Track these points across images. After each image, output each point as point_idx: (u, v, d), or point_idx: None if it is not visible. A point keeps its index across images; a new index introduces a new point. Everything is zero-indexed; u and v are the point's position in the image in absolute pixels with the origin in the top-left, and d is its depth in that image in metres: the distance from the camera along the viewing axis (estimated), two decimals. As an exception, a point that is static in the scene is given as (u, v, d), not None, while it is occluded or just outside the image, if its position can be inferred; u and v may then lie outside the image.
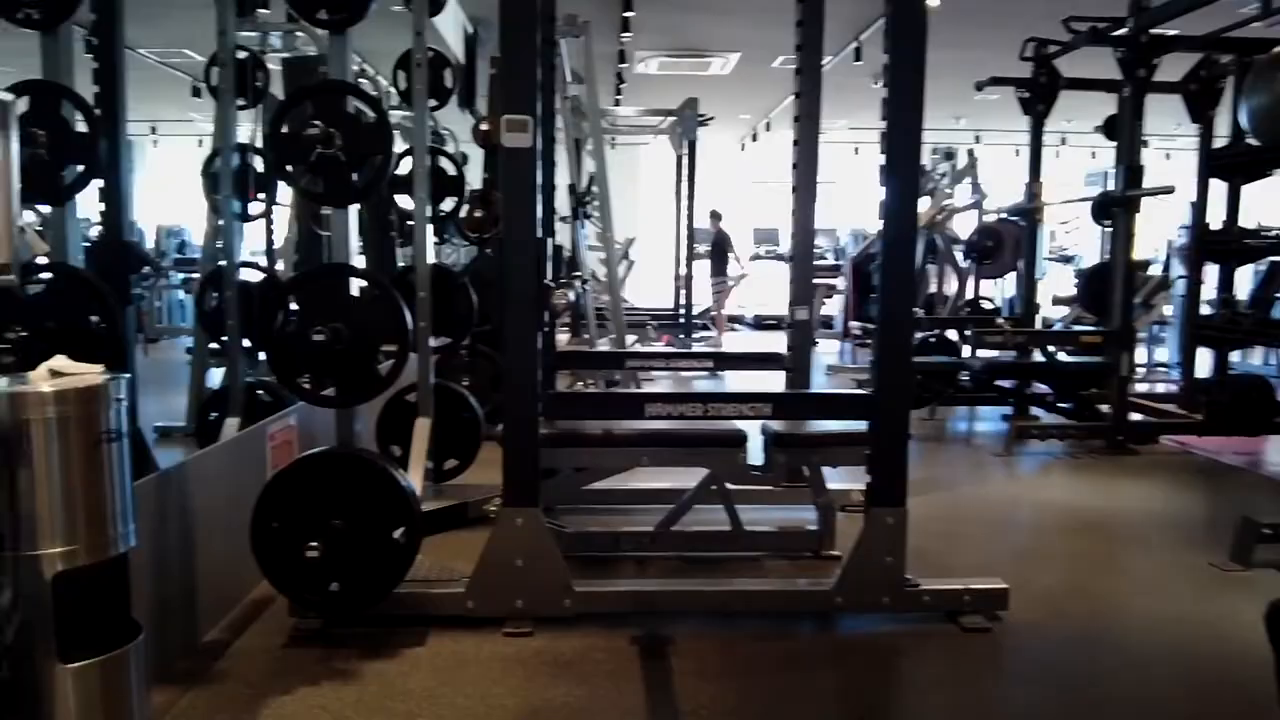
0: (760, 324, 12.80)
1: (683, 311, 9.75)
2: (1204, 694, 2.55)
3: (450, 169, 4.60)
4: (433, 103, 4.05)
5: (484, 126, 4.86)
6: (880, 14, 2.82)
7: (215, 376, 4.81)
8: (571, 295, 3.62)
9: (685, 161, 8.85)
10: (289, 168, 2.66)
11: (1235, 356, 7.55)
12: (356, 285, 2.74)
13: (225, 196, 3.67)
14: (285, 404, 3.71)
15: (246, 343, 3.72)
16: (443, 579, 2.96)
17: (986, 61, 7.11)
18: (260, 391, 3.92)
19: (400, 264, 4.99)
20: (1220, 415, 5.57)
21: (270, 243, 4.80)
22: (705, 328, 10.91)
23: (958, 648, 2.78)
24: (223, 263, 3.77)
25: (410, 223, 4.89)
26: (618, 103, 9.47)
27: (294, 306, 2.65)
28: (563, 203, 5.95)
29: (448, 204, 4.68)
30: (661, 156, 12.14)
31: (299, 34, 4.56)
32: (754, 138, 12.81)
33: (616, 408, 3.34)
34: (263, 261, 4.73)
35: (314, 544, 2.58)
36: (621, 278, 7.96)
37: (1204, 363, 6.08)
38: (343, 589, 2.66)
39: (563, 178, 5.58)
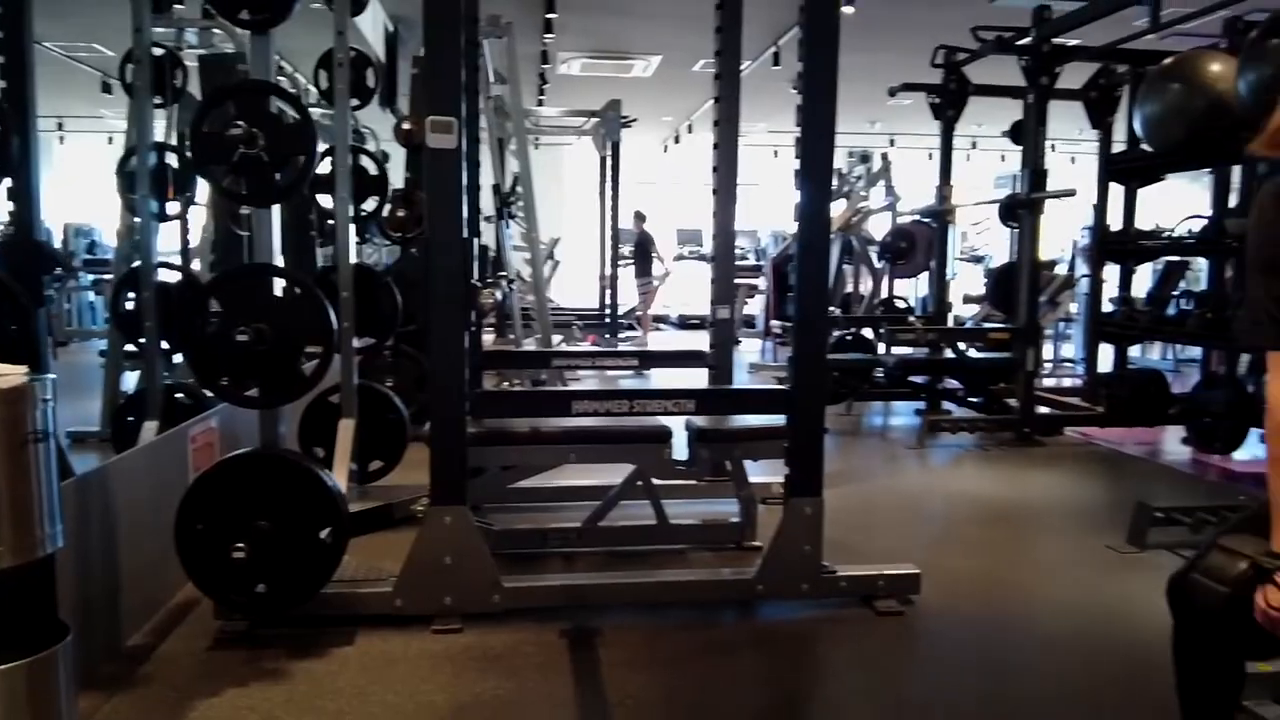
0: (685, 324, 12.95)
1: (608, 311, 9.82)
2: (1103, 667, 2.70)
3: (372, 168, 4.58)
4: (355, 102, 4.03)
5: (406, 126, 4.85)
6: (797, 21, 2.91)
7: (129, 380, 4.70)
8: (498, 295, 3.64)
9: (609, 162, 8.92)
10: (211, 167, 2.65)
11: (1135, 352, 7.96)
12: (279, 285, 2.74)
13: (142, 196, 3.60)
14: (205, 407, 3.66)
15: (165, 344, 3.65)
16: (370, 578, 2.96)
17: (899, 67, 7.33)
18: (179, 395, 3.85)
19: (320, 264, 4.96)
20: (1120, 408, 5.87)
21: (185, 243, 4.72)
22: (631, 327, 11.00)
23: (873, 631, 2.90)
24: (139, 263, 3.70)
25: (330, 222, 4.88)
26: (541, 103, 9.51)
27: (216, 307, 2.64)
28: (487, 203, 5.96)
29: (369, 204, 4.66)
30: (585, 157, 12.20)
31: (216, 31, 4.48)
32: (676, 139, 12.95)
33: (544, 405, 3.38)
34: (177, 261, 4.63)
35: (240, 545, 2.57)
36: (546, 278, 8.00)
37: (1107, 358, 6.38)
38: (269, 590, 2.65)
39: (487, 178, 5.60)
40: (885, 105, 10.25)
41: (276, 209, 2.82)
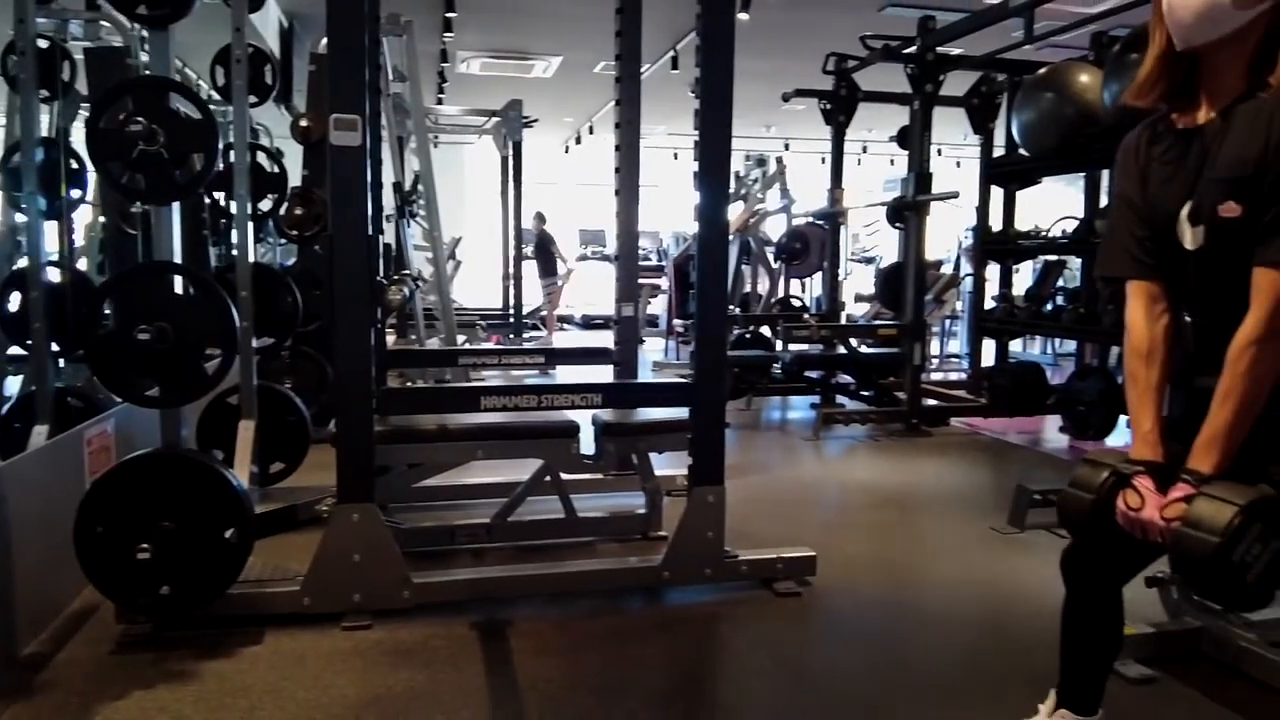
0: (589, 323, 13.03)
1: (512, 311, 9.82)
2: (987, 637, 2.89)
3: (270, 166, 4.52)
4: (253, 99, 3.98)
5: (304, 123, 4.79)
6: (695, 26, 3.02)
7: (11, 385, 4.51)
8: (406, 291, 3.65)
9: (510, 162, 8.92)
10: (109, 164, 2.60)
11: (1016, 346, 8.38)
12: (179, 284, 2.71)
13: (29, 193, 3.48)
14: (98, 410, 3.57)
15: (55, 346, 3.54)
16: (277, 578, 2.95)
17: (792, 73, 7.57)
18: (71, 399, 3.74)
19: (214, 263, 4.85)
20: (1002, 399, 6.19)
21: (70, 242, 4.55)
22: (535, 327, 11.02)
23: (772, 611, 3.03)
24: (25, 262, 3.57)
25: (223, 220, 4.77)
26: (440, 102, 9.45)
27: (113, 306, 2.59)
28: (388, 201, 5.91)
29: (265, 202, 4.59)
30: (486, 157, 12.16)
31: (104, 23, 4.35)
32: (578, 140, 13.01)
33: (453, 401, 3.40)
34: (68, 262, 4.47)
35: (143, 547, 2.54)
36: (449, 277, 7.95)
37: (991, 353, 6.71)
38: (174, 592, 2.63)
39: (388, 176, 5.56)
40: (779, 110, 10.54)
41: (176, 207, 2.79)
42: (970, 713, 2.25)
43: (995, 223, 6.61)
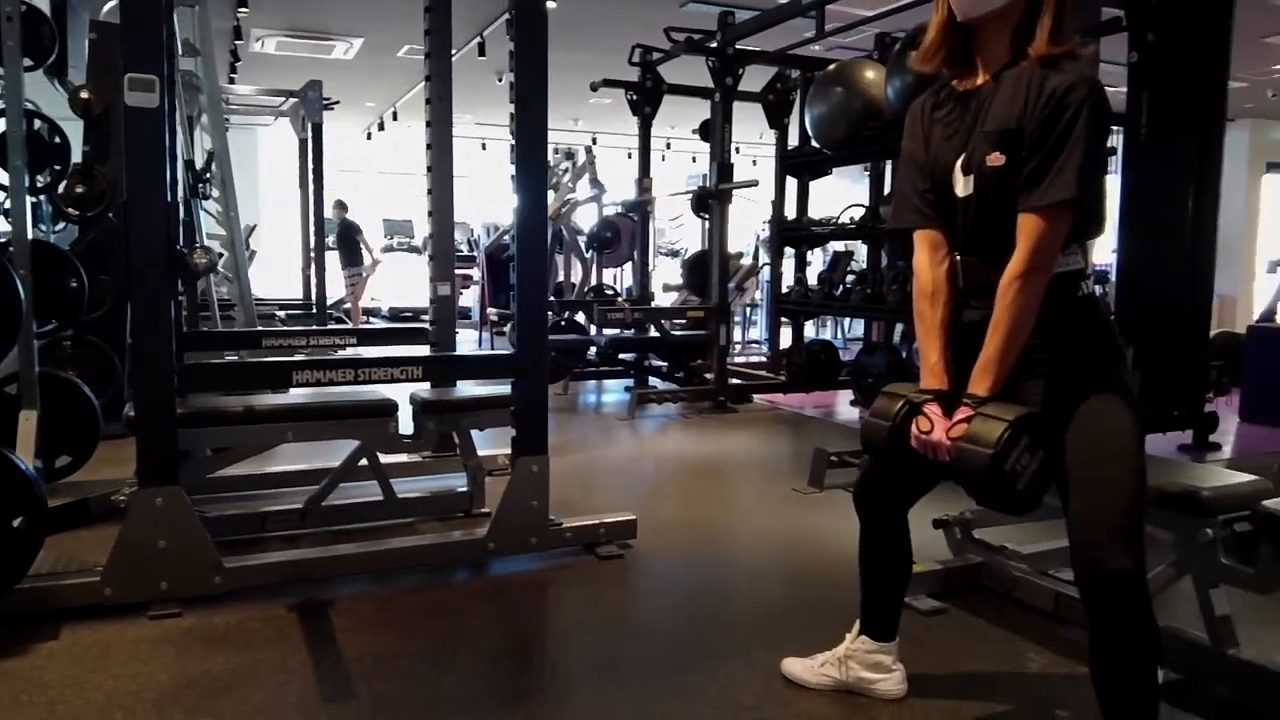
0: (397, 316, 12.72)
1: (314, 303, 9.43)
2: (793, 585, 3.11)
3: (50, 137, 4.16)
4: (28, 63, 3.66)
5: (85, 95, 4.44)
6: (501, 11, 3.06)
7: None
8: (211, 256, 3.43)
9: (310, 147, 8.57)
10: None
11: (811, 330, 8.90)
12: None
13: None
14: None
15: None
16: (73, 570, 2.77)
17: (599, 66, 7.69)
18: None
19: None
20: (799, 376, 6.60)
21: None
22: (339, 320, 10.64)
23: (596, 574, 3.13)
24: None
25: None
26: (233, 81, 8.96)
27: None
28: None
29: (41, 177, 4.22)
30: (283, 141, 11.62)
31: None
32: (381, 126, 12.65)
33: (262, 377, 3.27)
34: None
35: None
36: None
37: (789, 336, 7.11)
38: (-47, 587, 2.42)
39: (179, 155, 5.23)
40: (587, 104, 10.68)
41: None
42: (781, 649, 2.42)
43: (790, 211, 7.02)
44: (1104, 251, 7.63)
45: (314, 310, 8.70)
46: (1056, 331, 1.78)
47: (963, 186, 1.84)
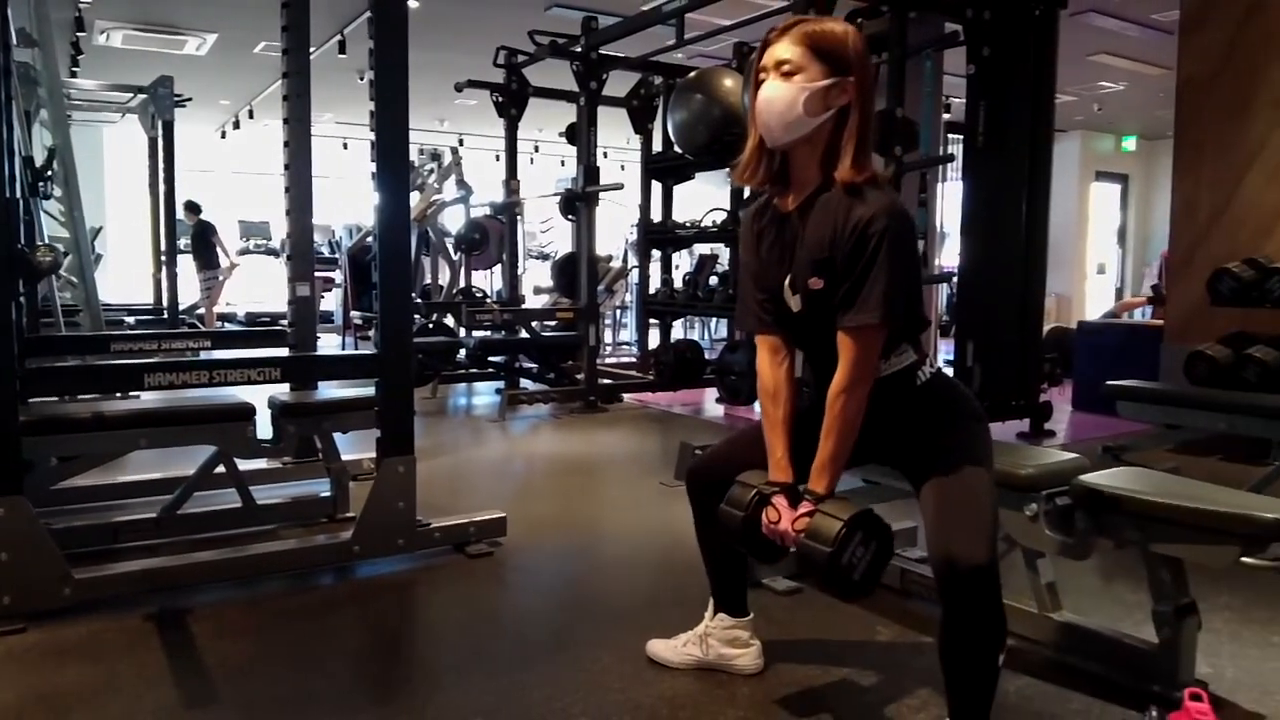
0: (253, 321, 12.28)
1: (166, 308, 9.02)
2: (659, 573, 3.21)
3: None
4: None
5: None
6: (362, 9, 3.05)
7: None
8: (56, 254, 3.24)
9: (161, 145, 8.19)
10: None
11: (678, 328, 9.09)
12: None
13: None
14: None
15: None
16: (-100, 589, 2.60)
17: (464, 67, 7.67)
18: None
19: None
20: (667, 374, 6.75)
21: None
22: (193, 326, 10.20)
23: (466, 572, 3.15)
24: None
25: None
26: (75, 74, 8.49)
27: None
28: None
29: None
30: (130, 140, 11.06)
31: None
32: (236, 125, 12.19)
33: (113, 380, 3.13)
34: None
35: None
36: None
37: (659, 335, 7.26)
38: None
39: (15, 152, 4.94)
40: (453, 105, 10.60)
41: None
42: (648, 630, 2.50)
43: (656, 215, 7.17)
44: (950, 255, 8.10)
45: (165, 315, 8.33)
46: (905, 419, 1.96)
47: (794, 303, 1.99)
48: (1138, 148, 14.01)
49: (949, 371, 5.25)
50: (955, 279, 5.96)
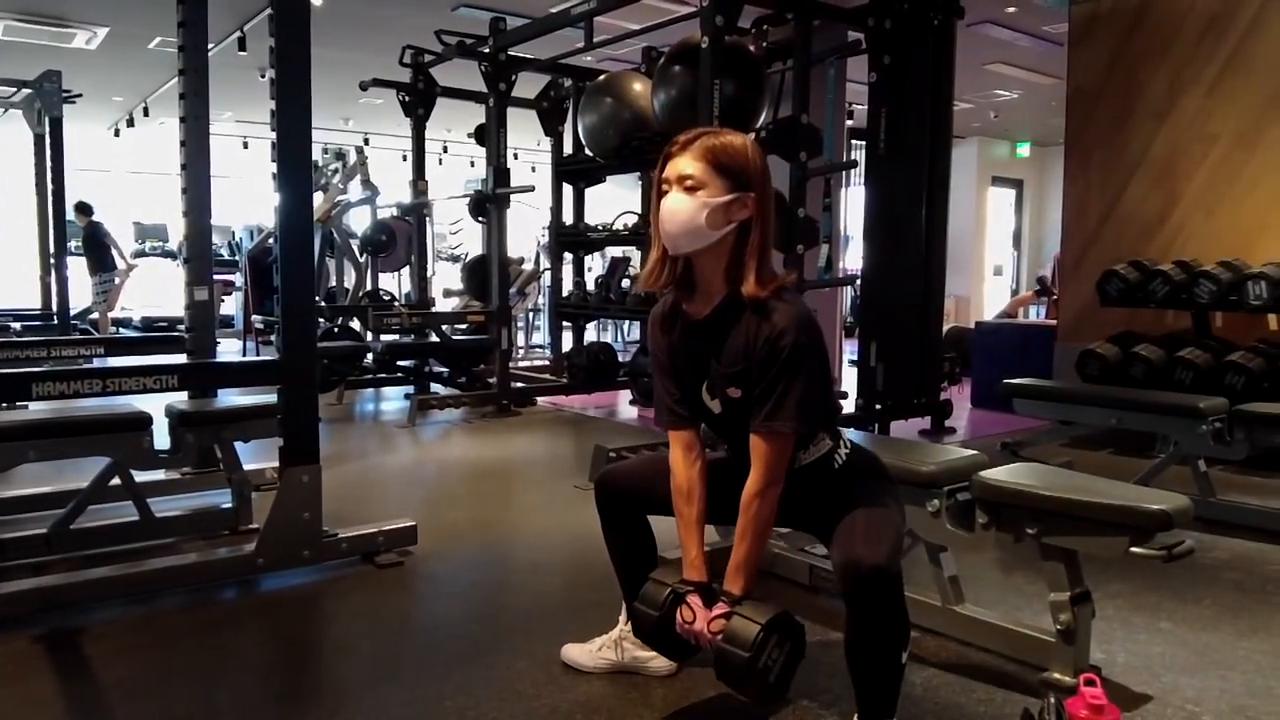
0: (150, 327, 11.82)
1: (55, 312, 8.61)
2: (575, 577, 3.20)
3: None
4: None
5: None
6: (263, 5, 2.97)
7: None
8: None
9: (48, 143, 7.82)
10: None
11: (591, 330, 9.10)
12: None
13: None
14: None
15: None
16: None
17: (370, 65, 7.53)
18: None
19: None
20: (580, 377, 6.74)
21: None
22: (85, 332, 9.76)
23: (375, 582, 3.09)
24: None
25: None
26: (-51, 69, 8.05)
27: None
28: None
29: None
30: (14, 138, 10.52)
31: None
32: (130, 123, 11.72)
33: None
34: None
35: None
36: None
37: (572, 337, 7.24)
38: None
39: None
40: (358, 104, 10.39)
41: None
42: (562, 636, 2.50)
43: (568, 217, 7.16)
44: (853, 258, 8.29)
45: (55, 320, 7.95)
46: (824, 496, 1.99)
47: (714, 406, 2.03)
48: (1031, 154, 14.57)
49: (853, 373, 5.38)
50: (859, 281, 6.10)
